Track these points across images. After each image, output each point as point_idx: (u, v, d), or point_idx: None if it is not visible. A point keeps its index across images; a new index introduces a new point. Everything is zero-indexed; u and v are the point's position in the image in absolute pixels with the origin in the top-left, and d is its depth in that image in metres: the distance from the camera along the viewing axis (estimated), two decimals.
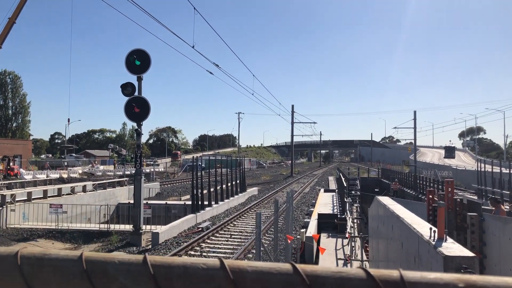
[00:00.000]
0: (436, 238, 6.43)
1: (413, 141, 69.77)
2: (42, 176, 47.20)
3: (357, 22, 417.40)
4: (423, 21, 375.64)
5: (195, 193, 24.61)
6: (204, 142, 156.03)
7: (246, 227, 22.60)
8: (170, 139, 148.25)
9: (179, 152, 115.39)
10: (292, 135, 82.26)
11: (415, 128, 63.26)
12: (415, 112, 62.61)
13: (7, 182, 36.35)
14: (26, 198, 25.10)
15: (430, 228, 6.82)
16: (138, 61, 18.93)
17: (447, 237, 6.48)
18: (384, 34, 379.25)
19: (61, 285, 0.68)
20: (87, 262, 0.69)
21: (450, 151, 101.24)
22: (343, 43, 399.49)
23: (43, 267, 0.70)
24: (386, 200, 11.52)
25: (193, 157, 31.73)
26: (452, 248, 6.19)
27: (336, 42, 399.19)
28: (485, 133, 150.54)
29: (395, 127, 78.88)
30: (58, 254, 0.71)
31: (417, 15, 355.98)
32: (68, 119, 67.57)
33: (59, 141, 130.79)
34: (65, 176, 50.90)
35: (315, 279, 0.62)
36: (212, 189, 28.07)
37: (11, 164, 49.02)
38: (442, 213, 6.83)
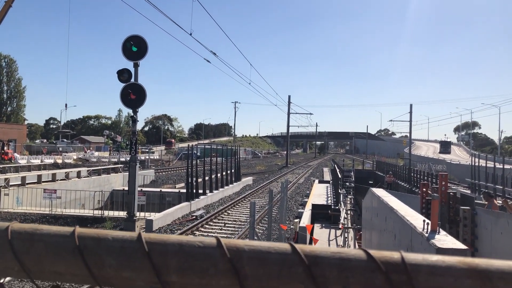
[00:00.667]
0: (429, 231, 6.47)
1: (408, 135, 70.02)
2: (36, 161, 46.98)
3: (356, 14, 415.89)
4: (422, 15, 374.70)
5: (190, 181, 24.61)
6: (199, 130, 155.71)
7: (240, 216, 22.66)
8: (166, 127, 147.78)
9: (173, 140, 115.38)
10: (288, 126, 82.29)
11: (410, 121, 63.46)
12: (411, 105, 62.81)
13: (1, 166, 36.12)
14: (20, 182, 25.01)
15: (424, 221, 6.85)
16: (134, 48, 18.77)
17: (440, 229, 6.52)
18: (382, 27, 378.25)
19: (53, 261, 0.67)
20: (80, 238, 0.67)
21: (445, 146, 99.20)
22: (342, 35, 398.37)
23: (35, 242, 0.68)
24: (380, 192, 11.56)
25: (188, 145, 31.65)
26: (445, 240, 6.22)
27: (335, 34, 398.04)
28: (480, 128, 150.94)
29: (391, 120, 79.22)
30: (50, 230, 0.69)
31: (416, 10, 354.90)
32: (66, 104, 66.46)
33: (54, 126, 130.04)
34: (59, 161, 50.68)
35: (314, 259, 0.61)
36: (207, 178, 28.07)
37: (5, 148, 48.74)
38: (436, 205, 6.86)
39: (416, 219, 7.31)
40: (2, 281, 0.74)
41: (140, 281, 0.64)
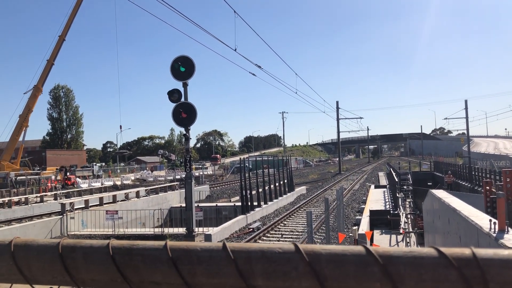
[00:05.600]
0: (497, 230, 6.20)
1: (465, 132, 67.22)
2: (97, 184, 49.11)
3: (404, 12, 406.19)
4: (472, 7, 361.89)
5: (244, 194, 24.84)
6: (249, 143, 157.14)
7: (297, 226, 22.56)
8: (217, 142, 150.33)
9: (218, 155, 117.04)
10: (338, 132, 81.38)
11: (467, 117, 61.01)
12: (466, 101, 60.40)
13: (65, 191, 38.07)
14: (83, 205, 26.19)
15: (490, 220, 6.58)
16: (182, 68, 19.31)
17: (509, 228, 6.24)
18: (430, 22, 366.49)
19: (150, 272, 0.75)
20: (172, 250, 0.75)
21: None
22: (389, 35, 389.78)
23: (133, 256, 0.77)
24: (440, 193, 11.21)
25: (240, 158, 32.02)
26: None
27: (382, 34, 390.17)
28: None
29: (446, 118, 76.19)
30: (145, 244, 0.78)
31: (464, 3, 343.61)
32: (120, 126, 69.02)
33: (111, 149, 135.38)
34: (118, 183, 52.74)
35: (389, 259, 0.65)
36: (260, 190, 28.21)
37: (68, 174, 51.37)
38: (502, 204, 6.58)
39: (482, 219, 7.04)
40: None
41: (229, 287, 0.71)
